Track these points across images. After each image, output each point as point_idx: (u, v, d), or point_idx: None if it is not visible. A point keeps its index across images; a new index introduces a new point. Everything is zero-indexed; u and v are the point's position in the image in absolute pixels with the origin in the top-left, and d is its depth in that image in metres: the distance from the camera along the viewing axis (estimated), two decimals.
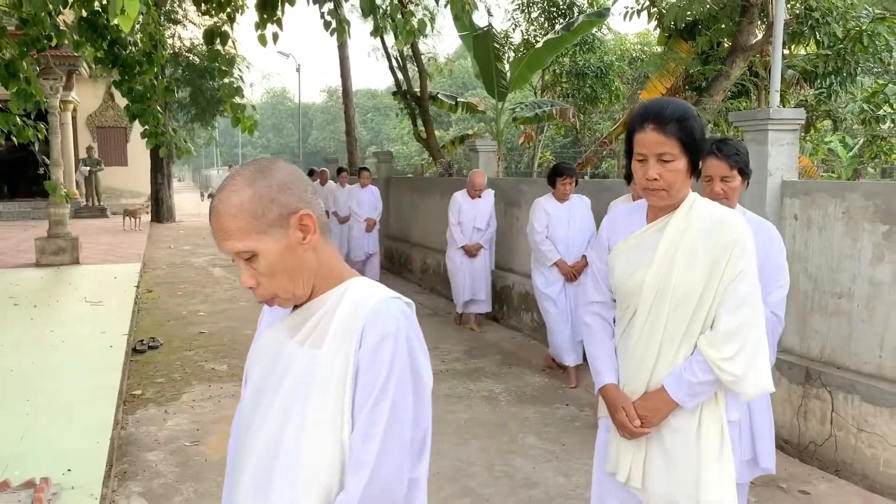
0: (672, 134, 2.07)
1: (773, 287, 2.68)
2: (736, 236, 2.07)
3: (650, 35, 21.39)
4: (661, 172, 2.09)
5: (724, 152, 2.75)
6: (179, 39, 21.45)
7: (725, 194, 2.76)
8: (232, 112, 8.50)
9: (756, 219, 2.78)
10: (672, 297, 2.11)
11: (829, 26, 9.01)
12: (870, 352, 4.18)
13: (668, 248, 2.12)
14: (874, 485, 4.01)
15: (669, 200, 2.16)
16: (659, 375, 2.15)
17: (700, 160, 2.20)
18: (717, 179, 2.76)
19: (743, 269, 2.07)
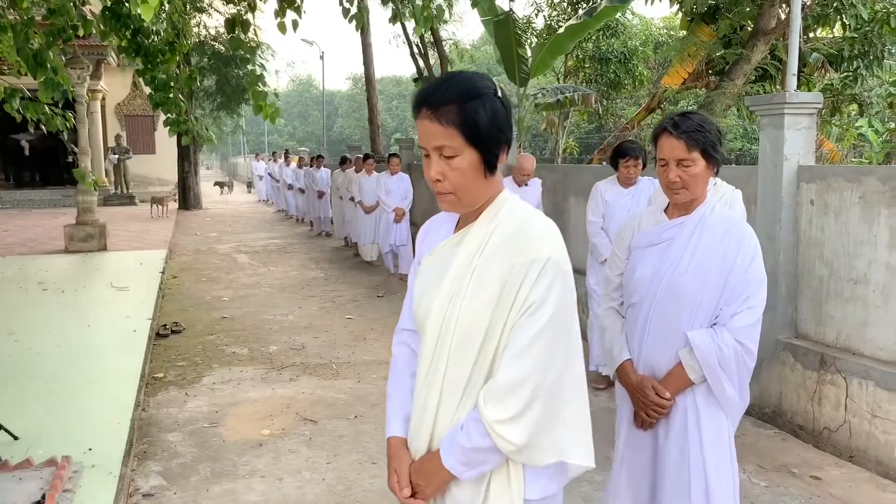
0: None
1: (738, 307, 2.27)
2: (538, 255, 1.53)
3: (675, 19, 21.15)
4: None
5: (681, 129, 2.29)
6: (205, 28, 21.62)
7: (683, 182, 2.31)
8: (254, 100, 8.57)
9: (726, 219, 2.37)
10: (456, 333, 1.60)
11: (854, 8, 8.84)
12: (885, 338, 4.14)
13: (461, 268, 1.62)
14: (888, 471, 3.98)
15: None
16: (440, 434, 1.65)
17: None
18: (673, 163, 2.31)
19: (539, 299, 1.51)
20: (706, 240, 2.32)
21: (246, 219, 20.56)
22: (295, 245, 14.39)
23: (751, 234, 2.32)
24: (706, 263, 2.29)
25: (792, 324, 4.79)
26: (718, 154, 2.32)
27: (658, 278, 2.36)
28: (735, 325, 2.26)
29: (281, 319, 7.75)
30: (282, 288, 9.63)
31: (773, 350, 4.78)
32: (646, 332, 2.40)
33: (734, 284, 2.26)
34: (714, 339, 2.26)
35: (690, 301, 2.31)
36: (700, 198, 2.37)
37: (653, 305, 2.38)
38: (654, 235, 2.43)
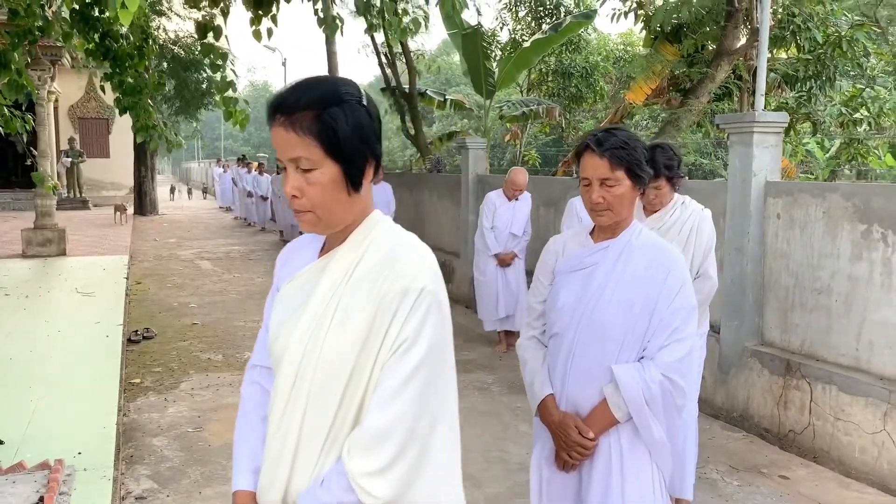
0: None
1: (666, 339, 2.12)
2: (411, 285, 1.33)
3: (633, 35, 21.66)
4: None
5: (604, 146, 2.13)
6: (164, 32, 21.36)
7: (607, 204, 2.15)
8: (224, 106, 8.55)
9: (653, 243, 2.22)
10: (317, 372, 1.38)
11: (809, 31, 9.28)
12: (847, 345, 4.40)
13: (324, 297, 1.41)
14: (850, 470, 4.23)
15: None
16: (297, 488, 1.42)
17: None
18: (596, 183, 2.15)
19: (412, 335, 1.31)
20: (632, 266, 2.16)
21: (204, 225, 20.35)
22: (257, 252, 14.33)
23: (678, 259, 2.19)
24: (632, 292, 2.13)
25: (758, 332, 5.03)
26: (644, 173, 2.16)
27: (581, 307, 2.19)
28: (663, 359, 2.10)
29: (252, 326, 7.75)
30: (249, 295, 9.62)
31: (740, 356, 5.02)
32: (569, 366, 2.22)
33: (661, 315, 2.11)
34: (641, 375, 2.09)
35: (616, 332, 2.14)
36: (626, 220, 2.22)
37: (576, 337, 2.20)
38: (578, 260, 2.26)
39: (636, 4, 10.51)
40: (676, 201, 3.48)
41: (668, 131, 9.74)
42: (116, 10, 5.20)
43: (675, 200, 3.48)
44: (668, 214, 3.45)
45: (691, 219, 3.44)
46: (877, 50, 11.14)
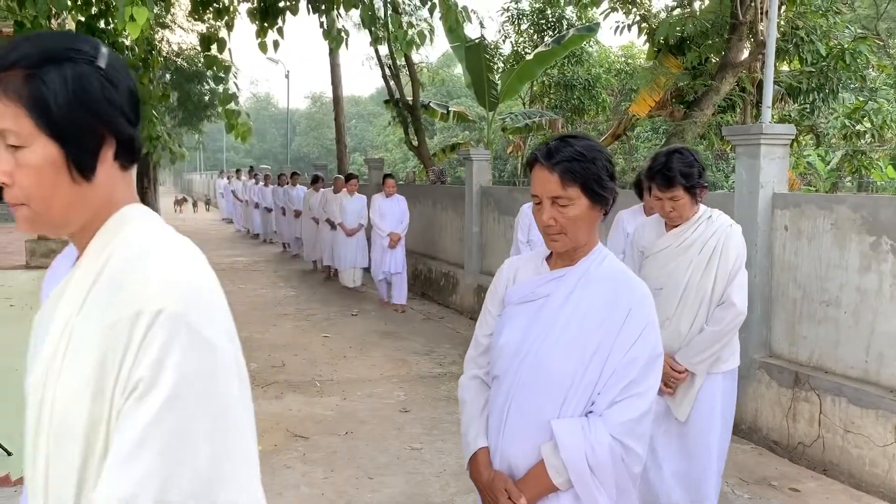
0: None
1: (619, 394, 1.75)
2: (145, 307, 0.99)
3: (634, 48, 21.76)
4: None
5: (555, 158, 1.77)
6: (168, 44, 21.47)
7: (560, 226, 1.79)
8: (227, 118, 8.59)
9: (616, 274, 1.86)
10: (52, 425, 1.05)
11: (812, 44, 9.33)
12: (856, 357, 4.39)
13: (58, 331, 1.08)
14: (860, 483, 4.21)
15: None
16: None
17: None
18: (547, 202, 1.79)
19: (148, 375, 0.96)
20: (588, 301, 1.81)
21: (207, 236, 20.38)
22: (261, 263, 14.33)
23: (644, 296, 1.82)
24: (584, 332, 1.77)
25: (766, 343, 5.02)
26: (607, 191, 1.79)
27: (525, 347, 1.84)
28: (614, 418, 1.73)
29: (258, 337, 7.75)
30: (254, 306, 9.62)
31: (748, 369, 5.00)
32: (505, 416, 1.86)
33: (615, 363, 1.75)
34: (585, 435, 1.73)
35: (561, 380, 1.78)
36: (587, 245, 1.86)
37: (516, 381, 1.84)
38: (528, 290, 1.90)
39: (640, 17, 10.58)
40: (702, 215, 3.09)
41: (673, 143, 9.76)
42: (125, 23, 5.23)
43: (699, 214, 3.09)
44: (691, 230, 3.07)
45: (716, 235, 3.03)
46: (879, 62, 11.19)
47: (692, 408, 3.10)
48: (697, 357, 3.04)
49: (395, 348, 7.36)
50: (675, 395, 3.13)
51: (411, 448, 4.66)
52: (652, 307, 1.82)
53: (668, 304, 3.08)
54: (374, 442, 4.77)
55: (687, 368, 3.07)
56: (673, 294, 3.09)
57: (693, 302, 3.06)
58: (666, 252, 3.13)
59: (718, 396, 3.13)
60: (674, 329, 3.08)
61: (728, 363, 3.17)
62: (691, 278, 3.06)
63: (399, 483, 4.16)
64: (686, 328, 3.08)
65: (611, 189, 1.81)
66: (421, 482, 4.17)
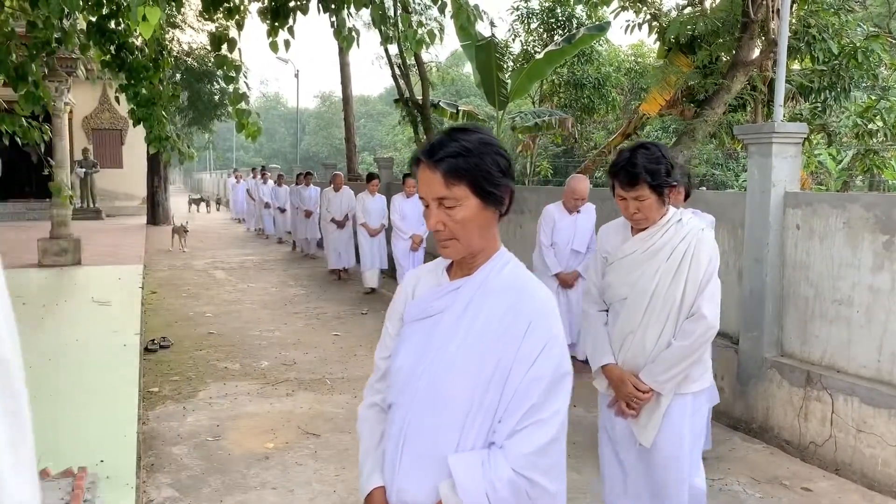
0: None
1: (520, 421, 1.54)
2: None
3: (644, 47, 21.71)
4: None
5: (437, 155, 1.58)
6: (178, 44, 21.56)
7: (450, 231, 1.61)
8: (237, 118, 8.62)
9: (515, 283, 1.65)
10: None
11: (824, 43, 9.28)
12: (869, 356, 4.37)
13: None
14: (872, 483, 4.20)
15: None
16: None
17: None
18: (434, 204, 1.61)
19: None
20: (485, 315, 1.60)
21: (217, 235, 20.45)
22: (271, 262, 14.37)
23: (546, 307, 1.61)
24: (481, 351, 1.57)
25: (778, 343, 5.01)
26: (500, 189, 1.60)
27: (419, 370, 1.63)
28: (515, 449, 1.51)
29: (268, 335, 7.78)
30: (264, 304, 9.65)
31: (759, 368, 4.99)
32: (401, 449, 1.64)
33: (515, 385, 1.53)
34: (485, 472, 1.52)
35: (458, 407, 1.57)
36: (486, 251, 1.66)
37: (411, 410, 1.63)
38: (425, 305, 1.70)
39: (650, 16, 10.55)
40: (671, 217, 2.81)
41: (684, 142, 9.74)
42: (138, 23, 5.26)
43: (669, 216, 2.81)
44: (659, 234, 2.79)
45: (686, 240, 2.76)
46: (892, 61, 11.12)
47: (658, 432, 2.81)
48: (664, 375, 2.75)
49: None
50: (639, 418, 2.84)
51: None
52: (556, 319, 1.61)
53: (632, 316, 2.83)
54: None
55: (652, 388, 2.78)
56: (637, 304, 2.81)
57: (660, 313, 2.78)
58: (631, 258, 2.85)
59: (687, 420, 2.82)
60: (638, 344, 2.82)
61: (699, 382, 2.86)
62: (658, 287, 2.77)
63: None
64: (651, 343, 2.80)
65: (505, 186, 1.61)
66: None
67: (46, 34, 7.91)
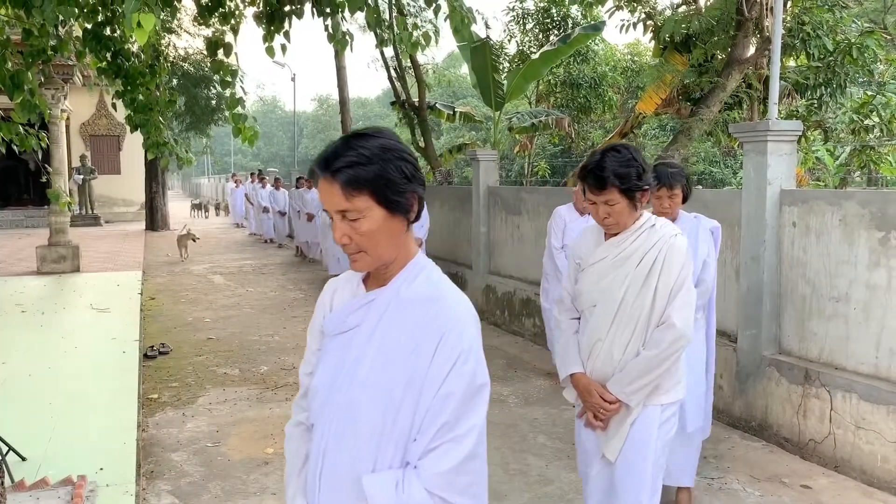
0: None
1: (434, 439, 1.45)
2: None
3: (640, 46, 21.72)
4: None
5: (332, 166, 1.48)
6: (174, 49, 21.57)
7: (357, 244, 1.51)
8: (234, 122, 8.63)
9: (428, 294, 1.55)
10: None
11: (819, 39, 9.29)
12: (867, 353, 4.38)
13: None
14: (872, 479, 4.20)
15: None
16: None
17: None
18: (337, 217, 1.51)
19: None
20: (396, 329, 1.52)
21: (216, 240, 20.43)
22: (269, 266, 14.37)
23: (460, 318, 1.51)
24: (392, 368, 1.49)
25: (776, 340, 5.01)
26: (402, 195, 1.50)
27: (335, 388, 1.57)
28: (429, 468, 1.43)
29: (267, 340, 7.78)
30: (263, 309, 9.65)
31: (758, 366, 5.00)
32: (319, 471, 1.58)
33: (427, 402, 1.45)
34: (398, 493, 1.44)
35: (372, 428, 1.49)
36: (399, 260, 1.58)
37: (329, 430, 1.57)
38: (340, 319, 1.61)
39: (645, 15, 10.56)
40: (644, 223, 2.72)
41: (680, 141, 9.75)
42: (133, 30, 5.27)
43: (642, 221, 2.72)
44: (630, 239, 2.70)
45: (657, 246, 2.66)
46: (887, 56, 11.14)
47: (623, 445, 2.71)
48: (631, 386, 2.65)
49: None
50: (607, 430, 2.76)
51: None
52: (471, 329, 1.51)
53: (601, 324, 2.74)
54: None
55: (619, 399, 2.68)
56: (606, 312, 2.72)
57: (628, 321, 2.68)
58: (602, 264, 2.76)
59: (654, 433, 2.70)
60: (606, 352, 2.72)
61: (669, 394, 2.74)
62: (627, 294, 2.68)
63: None
64: (619, 352, 2.70)
65: (410, 193, 1.52)
66: None
67: (42, 42, 7.92)
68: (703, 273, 3.85)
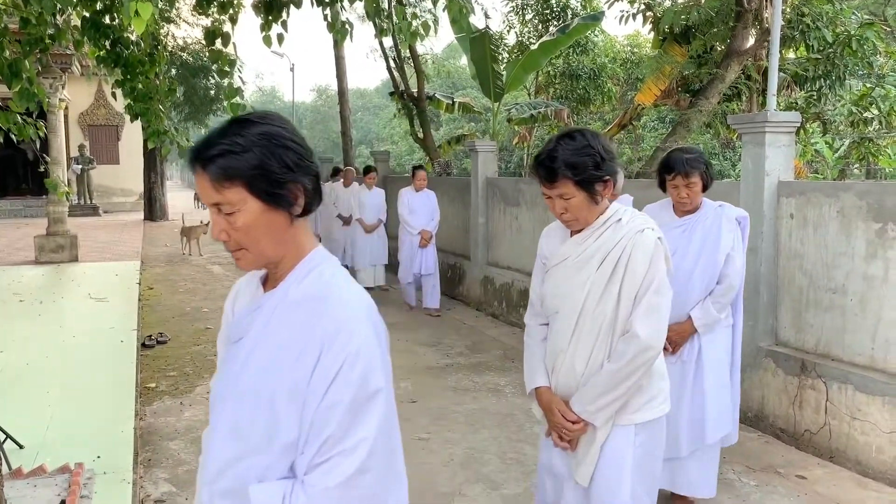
0: None
1: (320, 452, 1.32)
2: None
3: (640, 37, 21.66)
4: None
5: (202, 156, 1.37)
6: (173, 38, 21.51)
7: (236, 242, 1.40)
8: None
9: (315, 294, 1.41)
10: None
11: (819, 31, 9.27)
12: (863, 344, 4.39)
13: None
14: (867, 470, 4.22)
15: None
16: None
17: None
18: (213, 212, 1.40)
19: None
20: (281, 336, 1.39)
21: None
22: None
23: (348, 319, 1.35)
24: (273, 379, 1.36)
25: (773, 332, 5.02)
26: (285, 188, 1.37)
27: (222, 400, 1.48)
28: (316, 483, 1.31)
29: None
30: None
31: (755, 357, 5.01)
32: (215, 482, 1.46)
33: (311, 414, 1.32)
34: None
35: (257, 444, 1.38)
36: (289, 258, 1.44)
37: (214, 443, 1.48)
38: (237, 324, 1.49)
39: (644, 6, 10.53)
40: (610, 217, 2.39)
41: (679, 132, 9.74)
42: (130, 18, 5.25)
43: (608, 215, 2.39)
44: (594, 237, 2.39)
45: (621, 244, 2.33)
46: (887, 48, 11.12)
47: (595, 469, 2.41)
48: (594, 403, 2.34)
49: (401, 339, 7.38)
50: (576, 452, 2.46)
51: (419, 438, 4.69)
52: (362, 331, 1.35)
53: (563, 333, 2.44)
54: None
55: (582, 418, 2.39)
56: (568, 319, 2.41)
57: (590, 330, 2.37)
58: (564, 265, 2.45)
59: (629, 456, 2.39)
60: (568, 365, 2.42)
61: (643, 412, 2.41)
62: (588, 299, 2.37)
63: (407, 473, 4.18)
64: (582, 364, 2.39)
65: (293, 184, 1.37)
66: (428, 472, 4.20)
67: (40, 30, 7.89)
68: (727, 268, 3.59)
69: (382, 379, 1.35)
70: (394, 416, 1.40)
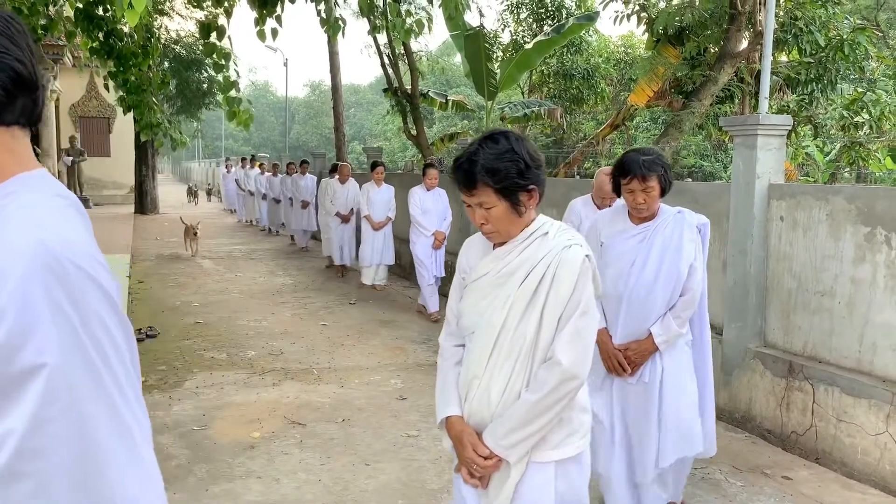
0: None
1: None
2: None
3: (634, 38, 21.72)
4: None
5: None
6: (166, 31, 21.42)
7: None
8: (228, 105, 8.58)
9: None
10: None
11: (811, 35, 9.33)
12: (850, 347, 4.42)
13: None
14: (852, 472, 4.25)
15: None
16: None
17: None
18: None
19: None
20: None
21: (204, 225, 20.32)
22: (259, 252, 14.35)
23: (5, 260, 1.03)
24: None
25: (761, 333, 5.05)
26: None
27: None
28: None
29: (255, 325, 7.78)
30: (251, 294, 9.64)
31: (742, 358, 5.04)
32: None
33: None
34: None
35: None
36: None
37: None
38: None
39: (639, 7, 10.57)
40: (536, 230, 2.16)
41: (671, 133, 9.78)
42: (124, 10, 5.23)
43: (534, 228, 2.16)
44: (515, 252, 2.15)
45: (546, 260, 2.09)
46: (878, 53, 11.20)
47: None
48: (508, 438, 2.07)
49: (392, 336, 7.39)
50: (489, 490, 2.18)
51: (408, 435, 4.70)
52: (23, 279, 0.96)
53: (478, 357, 2.16)
54: (371, 429, 4.81)
55: (495, 453, 2.10)
56: (485, 342, 2.15)
57: (508, 354, 2.11)
58: (483, 281, 2.20)
59: (549, 496, 2.13)
60: (483, 393, 2.15)
61: (563, 448, 2.15)
62: (508, 320, 2.11)
63: (395, 469, 4.20)
64: (497, 393, 2.13)
65: None
66: (417, 469, 4.21)
67: (32, 21, 7.85)
68: (689, 281, 3.25)
69: (44, 353, 0.95)
70: (107, 413, 1.01)
